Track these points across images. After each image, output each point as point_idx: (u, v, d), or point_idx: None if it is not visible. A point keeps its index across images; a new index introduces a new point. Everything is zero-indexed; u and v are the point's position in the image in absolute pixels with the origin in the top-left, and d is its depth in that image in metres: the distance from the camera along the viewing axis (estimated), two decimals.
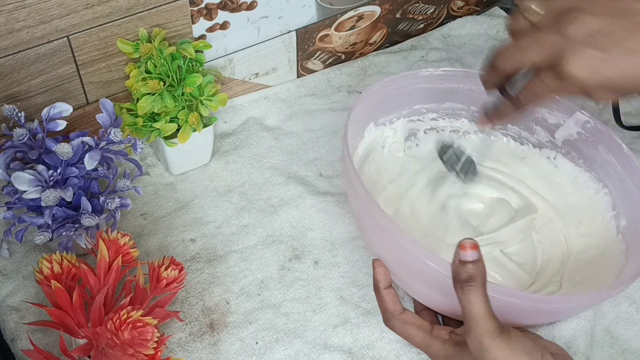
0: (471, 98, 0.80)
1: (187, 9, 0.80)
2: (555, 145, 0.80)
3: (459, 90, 0.79)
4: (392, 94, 0.78)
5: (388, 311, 0.62)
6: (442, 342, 0.57)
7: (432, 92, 0.80)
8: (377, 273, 0.65)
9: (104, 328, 0.58)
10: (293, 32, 0.91)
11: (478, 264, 0.54)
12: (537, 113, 0.79)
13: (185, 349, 0.68)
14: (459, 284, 0.54)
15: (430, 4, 1.03)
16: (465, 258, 0.54)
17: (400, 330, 0.61)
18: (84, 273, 0.63)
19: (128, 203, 0.72)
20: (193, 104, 0.78)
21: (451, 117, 0.83)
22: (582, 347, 0.69)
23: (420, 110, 0.82)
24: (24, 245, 0.75)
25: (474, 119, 0.80)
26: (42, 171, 0.66)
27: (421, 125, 0.83)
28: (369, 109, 0.77)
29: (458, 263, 0.54)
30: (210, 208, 0.81)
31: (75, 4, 0.72)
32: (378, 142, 0.81)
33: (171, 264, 0.66)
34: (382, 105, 0.79)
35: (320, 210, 0.80)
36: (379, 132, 0.80)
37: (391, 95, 0.78)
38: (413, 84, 0.79)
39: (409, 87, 0.79)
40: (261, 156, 0.87)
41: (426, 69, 0.78)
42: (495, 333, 0.52)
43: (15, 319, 0.69)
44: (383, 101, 0.78)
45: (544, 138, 0.81)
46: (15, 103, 0.74)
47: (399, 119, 0.81)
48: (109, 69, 0.80)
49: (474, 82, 0.75)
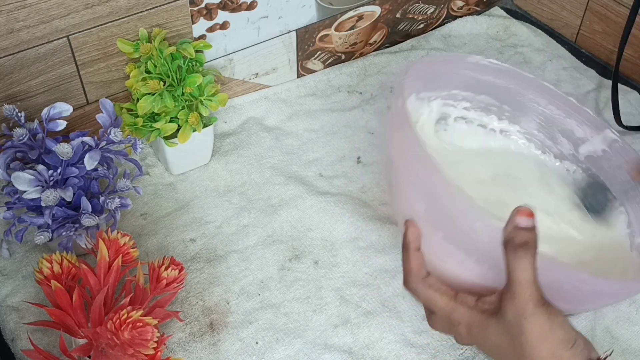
0: (506, 95, 0.78)
1: (187, 9, 0.80)
2: (577, 159, 0.78)
3: (496, 85, 0.78)
4: (439, 71, 0.76)
5: (413, 272, 0.60)
6: (468, 308, 0.56)
7: (472, 81, 0.78)
8: (410, 233, 0.61)
9: (104, 328, 0.58)
10: (293, 32, 0.91)
11: (533, 231, 0.53)
12: (567, 124, 0.78)
13: (185, 349, 0.68)
14: (513, 247, 0.53)
15: (430, 4, 1.03)
16: (521, 224, 0.53)
17: (423, 292, 0.59)
18: (84, 273, 0.63)
19: (128, 203, 0.72)
20: (193, 104, 0.78)
21: (482, 111, 0.81)
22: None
23: (457, 96, 0.79)
24: (24, 245, 0.75)
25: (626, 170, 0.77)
26: (42, 171, 0.66)
27: (453, 112, 0.80)
28: (417, 79, 0.74)
29: (513, 228, 0.53)
30: (210, 208, 0.81)
31: (75, 4, 0.72)
32: (413, 116, 0.78)
33: (171, 264, 0.66)
34: (428, 80, 0.76)
35: (321, 211, 0.80)
36: (417, 106, 0.77)
37: (438, 72, 0.76)
38: (459, 67, 0.77)
39: (454, 70, 0.77)
40: (261, 156, 0.87)
41: (473, 56, 0.76)
42: (541, 302, 0.52)
43: (15, 319, 0.69)
44: (430, 76, 0.76)
45: (567, 150, 0.79)
46: (15, 103, 0.74)
47: (436, 99, 0.78)
48: (109, 69, 0.80)
49: (512, 80, 0.75)
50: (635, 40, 0.95)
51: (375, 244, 0.77)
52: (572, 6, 1.03)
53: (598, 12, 0.99)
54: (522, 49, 1.03)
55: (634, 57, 0.97)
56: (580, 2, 1.01)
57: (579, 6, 1.02)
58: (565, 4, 1.04)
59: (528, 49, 1.03)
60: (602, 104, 0.95)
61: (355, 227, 0.79)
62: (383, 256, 0.76)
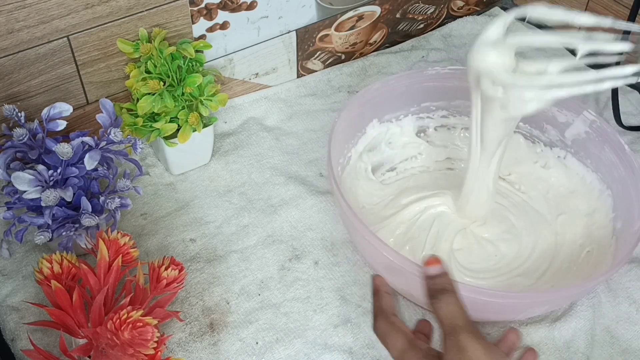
0: None
1: (187, 9, 0.80)
2: (565, 144, 0.81)
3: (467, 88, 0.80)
4: (397, 92, 0.79)
5: (381, 309, 0.63)
6: (422, 354, 0.58)
7: (440, 90, 0.81)
8: (377, 279, 0.66)
9: (104, 328, 0.58)
10: (293, 32, 0.91)
11: (446, 275, 0.57)
12: (548, 111, 0.80)
13: (185, 349, 0.68)
14: (433, 296, 0.56)
15: (430, 4, 1.03)
16: (432, 272, 0.58)
17: (384, 329, 0.61)
18: (84, 273, 0.63)
19: (128, 203, 0.72)
20: (193, 104, 0.78)
21: (462, 115, 0.84)
22: (582, 347, 0.69)
23: (430, 108, 0.83)
24: (24, 245, 0.75)
25: None
26: (42, 171, 0.66)
27: (431, 123, 0.84)
28: (369, 106, 0.78)
29: (427, 278, 0.58)
30: (210, 208, 0.81)
31: (75, 4, 0.72)
32: (383, 138, 0.82)
33: (171, 264, 0.66)
34: (386, 102, 0.80)
35: (321, 210, 0.80)
36: (384, 129, 0.82)
37: (396, 93, 0.79)
38: (420, 81, 0.80)
39: (415, 85, 0.80)
40: (261, 156, 0.87)
41: (433, 68, 0.80)
42: (473, 334, 0.54)
43: (15, 319, 0.69)
44: (387, 99, 0.79)
45: (554, 137, 0.81)
46: (15, 103, 0.74)
47: (406, 116, 0.82)
48: (109, 69, 0.80)
49: None
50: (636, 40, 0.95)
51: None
52: (572, 6, 1.03)
53: (598, 12, 0.99)
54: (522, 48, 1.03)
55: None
56: (580, 2, 1.01)
57: (579, 6, 1.02)
58: (565, 4, 1.04)
59: (528, 49, 1.03)
60: (602, 104, 0.95)
61: None
62: None
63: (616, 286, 0.74)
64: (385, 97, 0.79)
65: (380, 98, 0.79)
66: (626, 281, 0.75)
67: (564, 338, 0.70)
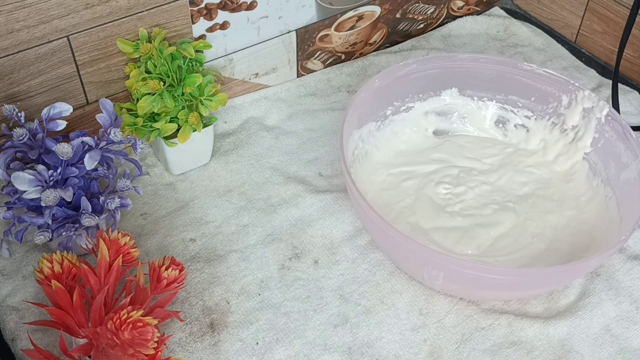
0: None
1: (187, 9, 0.80)
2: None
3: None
4: (486, 73, 0.85)
5: None
6: None
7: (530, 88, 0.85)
8: None
9: (104, 328, 0.58)
10: (293, 32, 0.91)
11: None
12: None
13: (186, 349, 0.68)
14: None
15: (430, 4, 1.03)
16: None
17: None
18: (84, 273, 0.63)
19: (128, 203, 0.72)
20: (193, 104, 0.78)
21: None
22: (581, 346, 0.69)
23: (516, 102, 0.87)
24: (24, 245, 0.76)
25: None
26: (42, 171, 0.66)
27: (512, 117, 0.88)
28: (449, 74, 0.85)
29: None
30: (210, 208, 0.81)
31: (75, 4, 0.73)
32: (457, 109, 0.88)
33: (171, 264, 0.66)
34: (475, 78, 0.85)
35: (320, 209, 0.80)
36: (461, 102, 0.87)
37: (485, 73, 0.85)
38: (513, 73, 0.84)
39: (507, 75, 0.84)
40: (261, 156, 0.87)
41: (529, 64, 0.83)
42: None
43: (15, 319, 0.69)
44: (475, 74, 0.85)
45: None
46: (15, 103, 0.74)
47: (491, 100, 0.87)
48: (109, 69, 0.80)
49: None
50: (635, 40, 0.95)
51: (374, 241, 0.78)
52: (572, 6, 1.03)
53: (598, 12, 0.99)
54: (522, 48, 1.03)
55: (634, 57, 0.97)
56: (580, 2, 1.01)
57: (579, 6, 1.02)
58: (565, 4, 1.04)
59: (528, 49, 1.03)
60: None
61: (354, 225, 0.79)
62: (381, 252, 0.76)
63: (617, 285, 0.74)
64: (473, 72, 0.83)
65: (467, 70, 0.83)
66: (627, 280, 0.75)
67: (558, 335, 0.70)
